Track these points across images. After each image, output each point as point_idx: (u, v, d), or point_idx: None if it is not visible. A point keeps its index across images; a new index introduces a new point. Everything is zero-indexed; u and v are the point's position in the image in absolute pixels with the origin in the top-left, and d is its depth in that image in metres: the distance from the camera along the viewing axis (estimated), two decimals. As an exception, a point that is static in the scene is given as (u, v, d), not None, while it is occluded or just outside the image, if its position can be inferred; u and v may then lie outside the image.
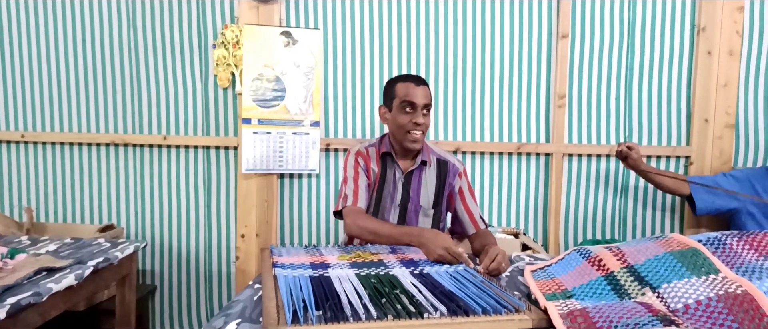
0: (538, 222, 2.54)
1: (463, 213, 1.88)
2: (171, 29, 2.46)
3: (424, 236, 1.50)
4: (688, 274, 1.10)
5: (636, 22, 2.42)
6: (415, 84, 1.76)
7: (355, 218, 1.71)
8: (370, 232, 1.64)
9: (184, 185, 2.54)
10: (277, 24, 2.38)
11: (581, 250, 1.40)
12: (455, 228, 1.94)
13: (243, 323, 1.06)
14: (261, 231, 2.45)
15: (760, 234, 1.22)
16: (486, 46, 2.45)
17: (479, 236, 1.83)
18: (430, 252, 1.44)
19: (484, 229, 1.86)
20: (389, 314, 1.01)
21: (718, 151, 2.39)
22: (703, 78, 2.38)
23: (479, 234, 1.84)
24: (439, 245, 1.41)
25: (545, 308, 1.11)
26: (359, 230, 1.67)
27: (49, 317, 1.48)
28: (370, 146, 1.90)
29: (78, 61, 2.50)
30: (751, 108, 2.42)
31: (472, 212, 1.87)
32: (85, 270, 1.60)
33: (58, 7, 2.48)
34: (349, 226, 1.71)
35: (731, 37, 2.35)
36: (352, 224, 1.70)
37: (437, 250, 1.41)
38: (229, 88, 2.45)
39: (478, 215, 1.87)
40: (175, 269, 2.59)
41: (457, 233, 1.94)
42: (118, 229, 2.46)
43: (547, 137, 2.48)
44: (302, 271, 1.29)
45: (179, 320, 2.59)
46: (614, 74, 2.44)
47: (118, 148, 2.54)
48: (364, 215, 1.75)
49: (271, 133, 2.37)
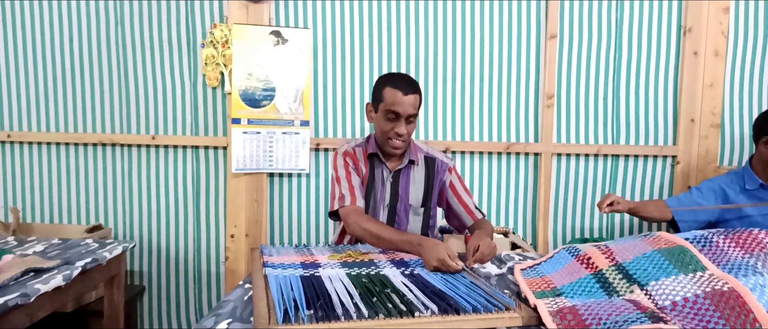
0: (527, 221, 2.55)
1: (457, 206, 1.88)
2: (159, 28, 2.45)
3: (423, 245, 1.47)
4: (675, 272, 1.11)
5: (623, 22, 2.44)
6: (404, 93, 1.69)
7: (358, 219, 1.67)
8: (373, 235, 1.61)
9: (173, 185, 2.53)
10: (266, 23, 2.37)
11: (570, 249, 1.42)
12: (452, 223, 1.94)
13: (234, 323, 1.05)
14: (250, 231, 2.44)
15: (746, 232, 1.24)
16: (475, 46, 2.46)
17: (477, 226, 1.83)
18: (427, 263, 1.42)
19: (481, 218, 1.87)
20: (380, 313, 1.02)
21: (704, 150, 2.42)
22: (689, 78, 2.41)
23: (477, 225, 1.84)
24: (435, 257, 1.37)
25: (535, 306, 1.12)
26: (362, 231, 1.64)
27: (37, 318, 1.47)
28: (356, 146, 1.88)
29: (65, 60, 2.48)
30: (736, 108, 2.45)
31: (467, 203, 1.88)
32: (73, 271, 1.59)
33: (45, 6, 2.45)
34: (352, 226, 1.68)
35: (717, 38, 2.38)
36: (355, 225, 1.66)
37: (432, 262, 1.38)
38: (218, 87, 2.44)
39: (473, 205, 1.88)
40: (164, 269, 2.57)
41: (455, 227, 1.94)
42: (106, 229, 2.45)
43: (535, 137, 2.50)
44: (293, 271, 1.29)
45: (168, 321, 2.58)
46: (602, 74, 2.46)
47: (106, 148, 2.52)
48: (366, 216, 1.72)
49: (260, 133, 2.36)
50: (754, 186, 2.09)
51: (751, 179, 2.10)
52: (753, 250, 1.17)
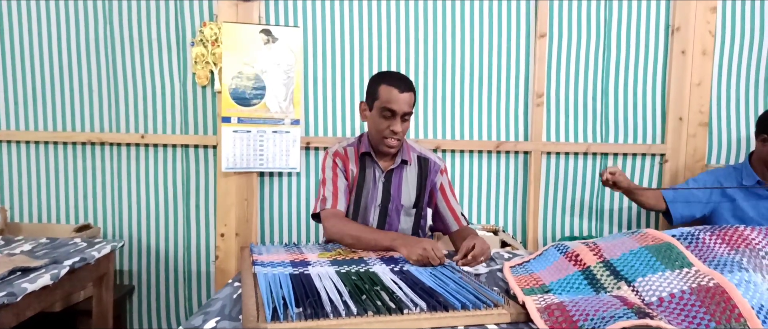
0: (516, 219, 2.56)
1: (445, 210, 1.88)
2: (148, 27, 2.44)
3: (404, 239, 1.51)
4: (662, 268, 1.12)
5: (612, 22, 2.46)
6: (399, 91, 1.69)
7: (335, 222, 1.69)
8: (351, 236, 1.62)
9: (163, 184, 2.52)
10: (256, 22, 2.37)
11: (559, 246, 1.42)
12: (437, 226, 1.94)
13: (222, 321, 1.05)
14: (241, 230, 2.43)
15: (732, 229, 1.25)
16: (465, 45, 2.47)
17: (461, 233, 1.83)
18: (409, 256, 1.44)
19: (466, 226, 1.87)
20: (369, 310, 1.02)
21: (692, 148, 2.44)
22: (677, 77, 2.43)
23: (461, 231, 1.84)
24: (417, 249, 1.40)
25: (523, 303, 1.12)
26: (340, 234, 1.65)
27: (24, 318, 1.46)
28: (348, 146, 1.87)
29: (53, 59, 2.46)
30: (723, 106, 2.47)
31: (455, 209, 1.88)
32: (60, 270, 1.58)
33: (33, 5, 2.43)
34: (329, 230, 1.69)
35: (704, 37, 2.40)
36: (332, 229, 1.68)
37: (413, 256, 1.41)
38: (207, 86, 2.44)
39: (460, 212, 1.88)
40: (154, 269, 2.56)
41: (439, 230, 1.95)
42: (94, 229, 2.43)
43: (525, 135, 2.51)
44: (282, 269, 1.29)
45: (158, 320, 2.57)
46: (591, 73, 2.48)
47: (95, 147, 2.51)
48: (344, 219, 1.73)
49: (251, 131, 2.36)
50: (751, 182, 2.11)
51: (749, 175, 2.12)
52: (739, 247, 1.18)
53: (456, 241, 1.83)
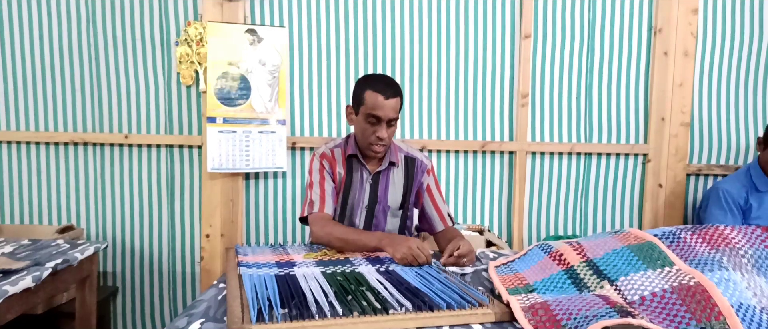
0: (502, 219, 2.58)
1: (431, 210, 1.89)
2: (132, 26, 2.41)
3: (390, 238, 1.53)
4: (644, 267, 1.14)
5: (596, 23, 2.48)
6: (385, 97, 1.65)
7: (323, 225, 1.68)
8: (338, 239, 1.61)
9: (147, 185, 2.50)
10: (241, 21, 2.35)
11: (543, 245, 1.44)
12: (423, 226, 1.94)
13: (207, 322, 1.05)
14: (226, 231, 2.42)
15: (712, 228, 1.27)
16: (450, 45, 2.48)
17: (446, 233, 1.84)
18: (394, 254, 1.45)
19: (451, 227, 1.88)
20: (355, 311, 1.02)
21: (674, 148, 2.47)
22: (659, 78, 2.46)
23: (447, 232, 1.85)
24: (402, 247, 1.42)
25: (508, 302, 1.13)
26: (327, 238, 1.64)
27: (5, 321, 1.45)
28: (335, 148, 1.86)
29: (35, 58, 2.43)
30: (705, 107, 2.51)
31: (441, 209, 1.88)
32: (43, 272, 1.56)
33: (14, 5, 2.40)
34: (316, 233, 1.69)
35: (686, 39, 2.43)
36: (319, 232, 1.67)
37: (398, 254, 1.43)
38: (192, 86, 2.42)
39: (446, 212, 1.88)
40: (138, 270, 2.54)
41: (425, 229, 1.95)
42: (77, 230, 2.41)
43: (510, 136, 2.52)
44: (268, 270, 1.29)
45: (142, 322, 2.55)
46: (575, 74, 2.50)
47: (78, 147, 2.48)
48: (331, 222, 1.72)
49: (236, 132, 2.34)
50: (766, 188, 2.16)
51: (761, 180, 2.16)
52: (719, 246, 1.20)
53: (441, 242, 1.84)
